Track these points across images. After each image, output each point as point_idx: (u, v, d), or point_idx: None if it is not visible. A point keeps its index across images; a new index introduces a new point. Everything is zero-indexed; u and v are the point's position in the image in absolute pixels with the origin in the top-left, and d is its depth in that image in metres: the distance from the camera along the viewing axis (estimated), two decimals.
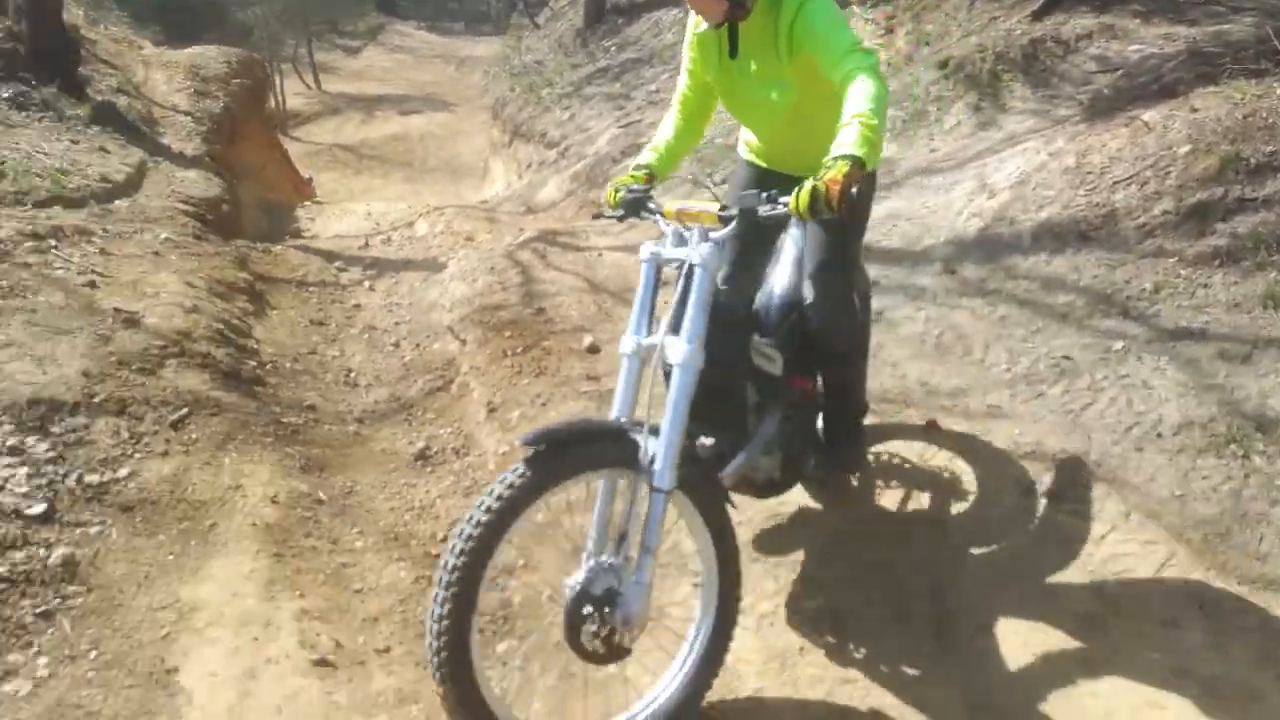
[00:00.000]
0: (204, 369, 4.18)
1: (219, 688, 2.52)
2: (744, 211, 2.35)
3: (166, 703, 2.46)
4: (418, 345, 5.47)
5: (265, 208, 9.62)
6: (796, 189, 2.19)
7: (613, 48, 11.61)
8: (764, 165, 3.00)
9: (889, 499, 3.35)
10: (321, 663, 2.65)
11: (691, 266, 2.38)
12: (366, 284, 6.66)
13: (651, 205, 2.66)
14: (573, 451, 2.20)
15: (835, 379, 3.02)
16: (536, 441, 2.17)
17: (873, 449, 3.55)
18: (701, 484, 2.37)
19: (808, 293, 2.75)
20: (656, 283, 2.50)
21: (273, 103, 16.53)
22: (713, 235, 2.40)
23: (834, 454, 3.09)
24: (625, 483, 2.29)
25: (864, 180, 2.28)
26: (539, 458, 2.15)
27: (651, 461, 2.22)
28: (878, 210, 5.32)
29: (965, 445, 3.51)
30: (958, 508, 3.25)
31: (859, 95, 2.28)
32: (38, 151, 6.48)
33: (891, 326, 4.53)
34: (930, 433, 3.63)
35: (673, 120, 2.96)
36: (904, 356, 4.29)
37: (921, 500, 3.31)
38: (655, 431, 2.25)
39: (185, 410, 3.75)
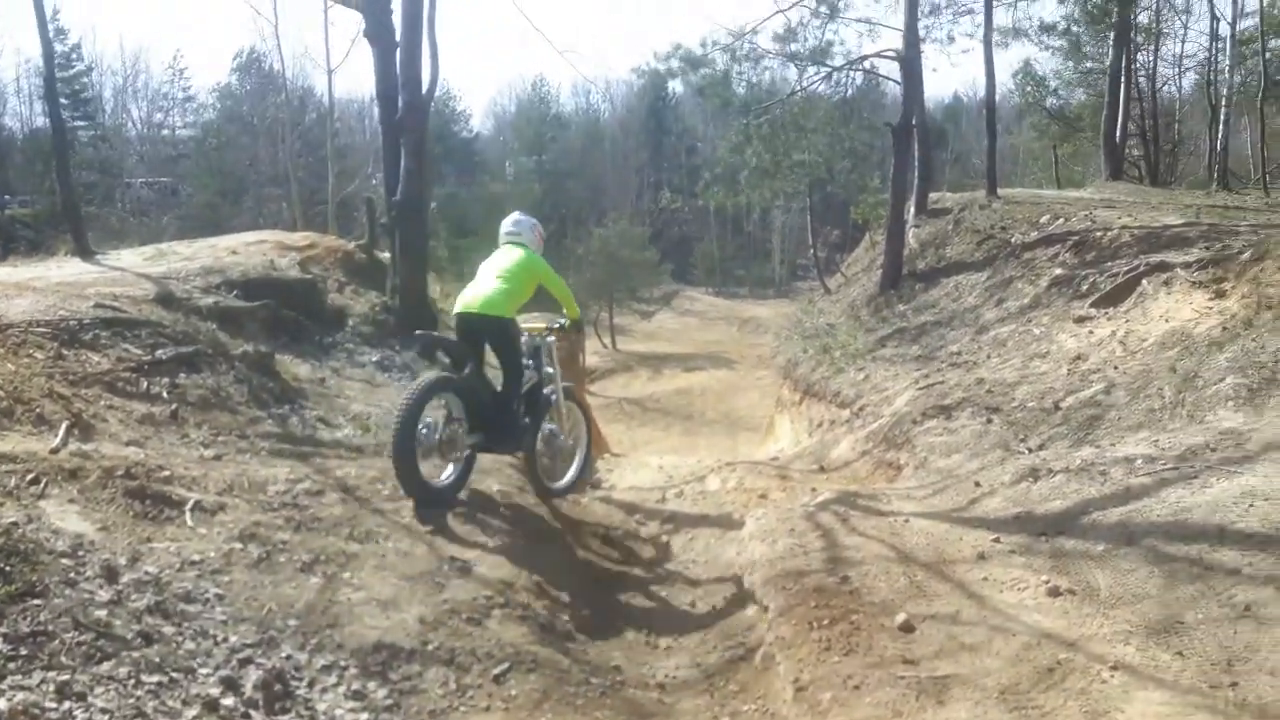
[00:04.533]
0: (523, 621, 4.33)
1: None
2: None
3: None
4: (714, 607, 5.39)
5: None
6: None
7: (909, 311, 11.76)
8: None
9: None
10: None
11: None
12: (664, 537, 6.77)
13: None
14: None
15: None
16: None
17: None
18: None
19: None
20: None
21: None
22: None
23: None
24: None
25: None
26: None
27: None
28: (1229, 487, 4.78)
29: None
30: None
31: None
32: (395, 409, 7.41)
33: (1262, 626, 3.87)
34: None
35: None
36: None
37: None
38: None
39: (507, 665, 3.86)
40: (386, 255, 11.07)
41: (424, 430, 5.40)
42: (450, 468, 5.64)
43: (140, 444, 5.05)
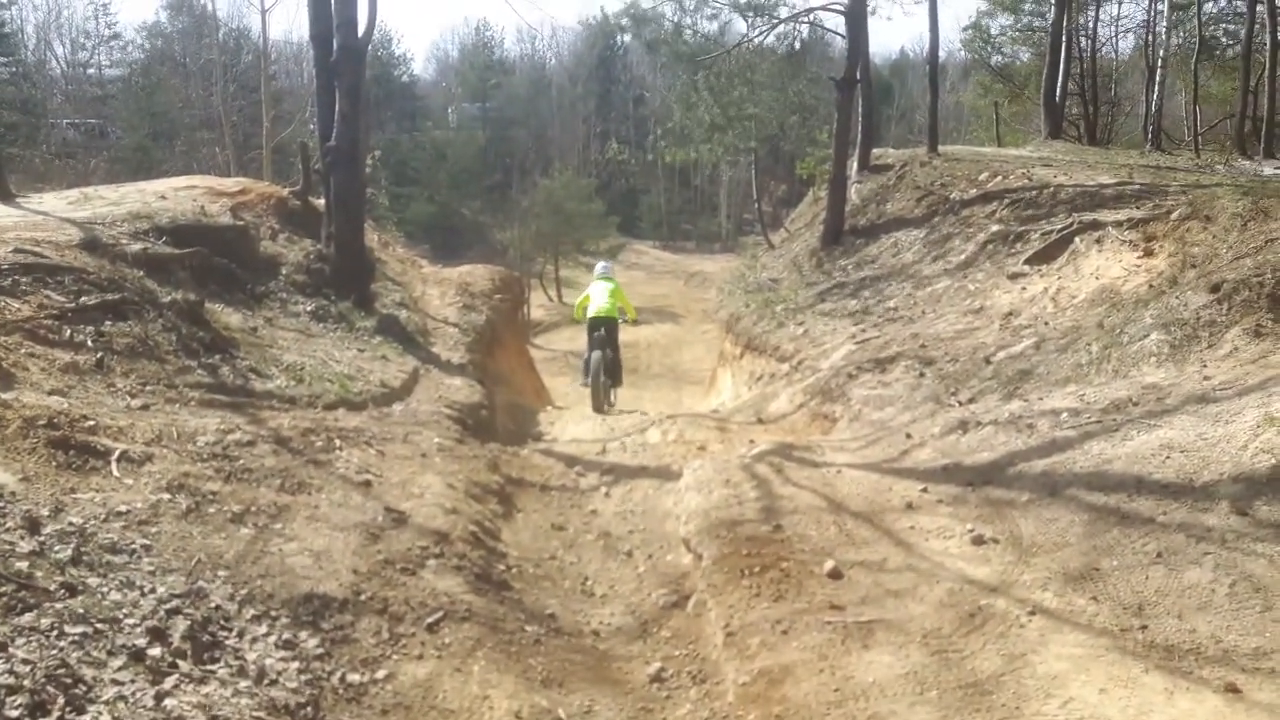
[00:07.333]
0: (459, 571, 4.34)
1: None
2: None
3: None
4: (650, 556, 5.46)
5: (513, 411, 10.24)
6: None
7: (849, 266, 11.89)
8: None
9: None
10: None
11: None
12: (603, 490, 6.80)
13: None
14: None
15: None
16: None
17: None
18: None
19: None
20: None
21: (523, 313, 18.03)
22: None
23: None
24: None
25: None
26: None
27: None
28: (1149, 440, 4.92)
29: None
30: None
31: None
32: (330, 359, 7.31)
33: (1173, 572, 4.04)
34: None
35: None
36: (1189, 607, 3.80)
37: None
38: None
39: (441, 613, 3.88)
40: (322, 202, 10.82)
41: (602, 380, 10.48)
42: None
43: (64, 393, 4.91)
